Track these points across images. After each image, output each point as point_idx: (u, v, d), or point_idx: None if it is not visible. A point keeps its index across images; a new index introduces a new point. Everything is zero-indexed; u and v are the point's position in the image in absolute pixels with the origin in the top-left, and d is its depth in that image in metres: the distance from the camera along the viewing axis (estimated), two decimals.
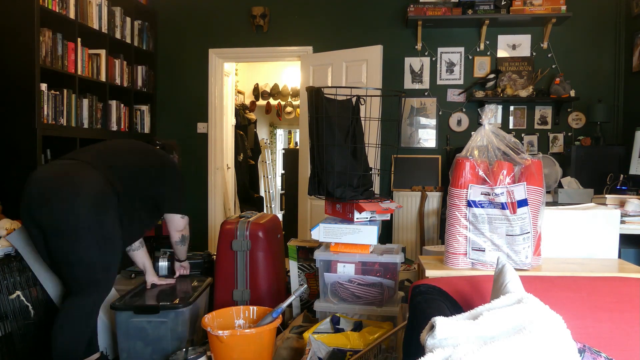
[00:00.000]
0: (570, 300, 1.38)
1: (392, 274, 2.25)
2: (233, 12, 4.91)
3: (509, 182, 1.62)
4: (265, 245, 2.70)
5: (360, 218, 2.25)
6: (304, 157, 4.66)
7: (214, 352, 2.12)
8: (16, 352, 2.71)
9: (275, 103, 7.62)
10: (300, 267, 2.74)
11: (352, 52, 4.47)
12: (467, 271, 1.67)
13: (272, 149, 8.63)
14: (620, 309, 1.36)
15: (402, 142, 4.68)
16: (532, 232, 1.64)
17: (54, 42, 3.58)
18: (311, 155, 2.39)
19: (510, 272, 1.25)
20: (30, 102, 3.38)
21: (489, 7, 4.31)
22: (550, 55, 4.50)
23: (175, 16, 5.02)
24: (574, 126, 4.51)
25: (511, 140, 1.69)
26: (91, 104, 4.04)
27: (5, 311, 2.71)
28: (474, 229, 1.66)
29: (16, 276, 2.85)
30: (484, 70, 4.59)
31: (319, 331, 2.15)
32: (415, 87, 4.66)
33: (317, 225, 2.29)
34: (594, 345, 1.26)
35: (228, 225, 2.73)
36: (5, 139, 3.42)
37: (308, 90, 2.34)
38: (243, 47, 4.92)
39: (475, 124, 4.59)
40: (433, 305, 1.31)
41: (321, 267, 2.31)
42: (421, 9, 4.35)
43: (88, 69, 4.01)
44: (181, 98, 5.04)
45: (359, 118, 2.39)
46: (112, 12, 4.31)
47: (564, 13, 4.24)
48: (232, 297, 2.69)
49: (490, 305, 1.12)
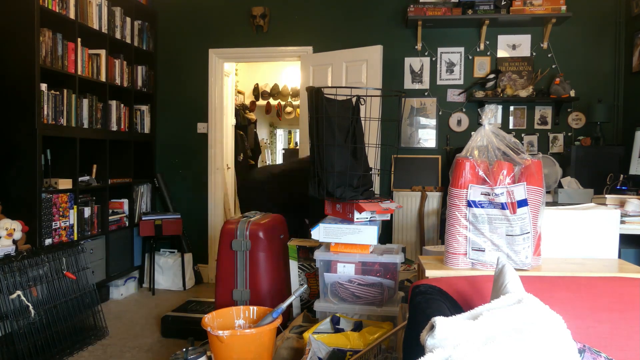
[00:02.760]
0: (570, 300, 1.38)
1: (392, 274, 2.25)
2: (233, 12, 4.91)
3: (509, 182, 1.62)
4: (266, 245, 2.70)
5: (360, 218, 2.25)
6: None
7: (214, 352, 2.13)
8: (16, 352, 2.71)
9: (275, 103, 7.62)
10: (300, 267, 2.74)
11: (352, 52, 4.46)
12: (467, 271, 1.67)
13: (272, 149, 8.63)
14: (620, 309, 1.36)
15: (402, 142, 4.68)
16: (532, 232, 1.64)
17: (54, 42, 3.59)
18: (311, 155, 2.39)
19: (510, 272, 1.25)
20: (30, 102, 3.38)
21: (489, 7, 4.31)
22: (550, 55, 4.50)
23: (175, 16, 5.02)
24: (574, 126, 4.51)
25: (511, 141, 1.69)
26: (91, 104, 4.04)
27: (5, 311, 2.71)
28: (474, 229, 1.66)
29: (16, 276, 2.85)
30: (484, 70, 4.59)
31: (319, 331, 2.15)
32: (415, 87, 4.66)
33: (317, 225, 2.29)
34: (594, 345, 1.26)
35: (229, 225, 2.74)
36: (5, 139, 3.42)
37: (308, 90, 2.34)
38: (243, 47, 4.92)
39: (475, 124, 4.59)
40: (433, 305, 1.31)
41: (321, 267, 2.31)
42: (421, 9, 4.35)
43: (88, 69, 4.01)
44: (181, 98, 5.04)
45: (359, 118, 2.39)
46: (112, 12, 4.31)
47: (564, 13, 4.24)
48: (232, 297, 2.69)
49: (490, 306, 1.12)
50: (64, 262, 3.21)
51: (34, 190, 3.40)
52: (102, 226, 4.17)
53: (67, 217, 3.73)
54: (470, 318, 1.08)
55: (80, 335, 3.20)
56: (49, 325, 2.97)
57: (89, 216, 4.01)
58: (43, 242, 3.46)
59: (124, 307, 4.08)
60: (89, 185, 4.01)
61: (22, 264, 2.92)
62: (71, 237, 3.77)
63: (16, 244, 3.13)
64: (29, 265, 2.96)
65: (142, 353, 3.15)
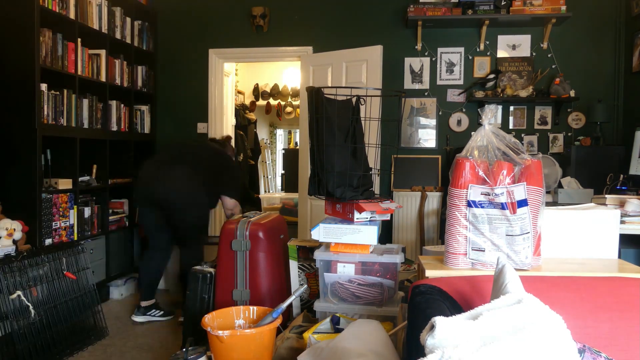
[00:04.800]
0: (570, 300, 1.38)
1: (392, 274, 2.25)
2: (233, 12, 4.91)
3: (509, 182, 1.62)
4: (266, 245, 2.70)
5: (360, 218, 2.25)
6: (304, 157, 4.66)
7: (214, 352, 2.13)
8: (16, 352, 2.71)
9: (275, 103, 7.62)
10: (300, 267, 2.74)
11: (352, 52, 4.46)
12: (467, 271, 1.67)
13: (272, 149, 8.63)
14: (620, 309, 1.36)
15: (402, 142, 4.68)
16: (532, 232, 1.64)
17: (54, 42, 3.58)
18: (311, 155, 2.39)
19: (510, 272, 1.25)
20: (30, 102, 3.38)
21: (489, 7, 4.31)
22: (550, 56, 4.50)
23: (175, 16, 5.02)
24: (574, 126, 4.51)
25: (511, 141, 1.69)
26: (91, 104, 4.04)
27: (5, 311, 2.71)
28: (474, 229, 1.66)
29: (16, 276, 2.85)
30: (484, 70, 4.59)
31: (319, 331, 2.15)
32: (415, 87, 4.66)
33: (317, 225, 2.29)
34: (594, 345, 1.26)
35: (229, 225, 2.74)
36: (5, 139, 3.42)
37: (308, 91, 2.34)
38: (243, 47, 4.92)
39: (475, 124, 4.59)
40: (433, 305, 1.31)
41: (321, 267, 2.31)
42: (421, 9, 4.35)
43: (88, 69, 4.01)
44: (181, 98, 5.04)
45: (359, 118, 2.39)
46: (112, 12, 4.31)
47: (563, 13, 4.24)
48: (232, 297, 2.69)
49: (490, 305, 1.12)
50: (64, 262, 3.21)
51: (34, 190, 3.40)
52: (102, 226, 4.17)
53: (67, 217, 3.73)
54: (470, 318, 1.08)
55: (81, 336, 3.20)
56: (49, 326, 2.96)
57: (89, 216, 4.01)
58: (43, 242, 3.46)
59: (124, 307, 4.07)
60: (89, 185, 4.01)
61: (22, 264, 2.92)
62: (71, 237, 3.77)
63: (16, 244, 3.12)
64: (29, 265, 2.96)
65: (142, 353, 3.15)
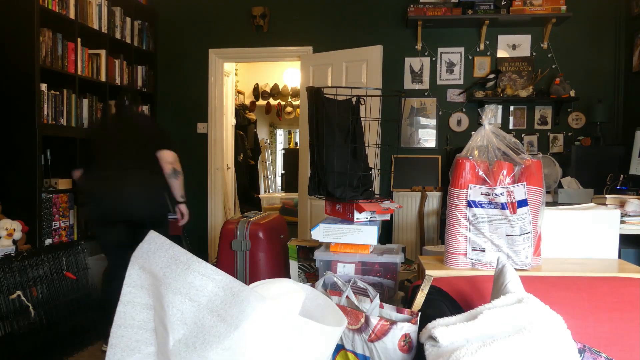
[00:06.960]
0: (570, 300, 1.38)
1: (392, 274, 2.25)
2: (233, 12, 4.91)
3: (509, 182, 1.62)
4: (266, 245, 2.70)
5: (360, 218, 2.24)
6: (304, 157, 4.66)
7: None
8: (16, 352, 2.71)
9: (275, 103, 7.62)
10: (300, 267, 2.74)
11: (352, 52, 4.46)
12: (467, 271, 1.67)
13: (272, 149, 8.63)
14: (620, 309, 1.36)
15: (402, 142, 4.68)
16: (532, 232, 1.63)
17: (54, 42, 3.58)
18: (311, 155, 2.39)
19: (510, 272, 1.25)
20: (30, 102, 3.38)
21: (489, 7, 4.31)
22: (550, 55, 4.50)
23: (175, 16, 5.02)
24: (574, 126, 4.51)
25: (511, 141, 1.68)
26: (91, 104, 4.04)
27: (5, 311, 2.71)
28: (474, 229, 1.66)
29: (16, 276, 2.85)
30: (484, 70, 4.59)
31: None
32: (415, 87, 4.66)
33: (317, 225, 2.29)
34: (594, 345, 1.26)
35: (228, 225, 2.74)
36: (5, 139, 3.42)
37: (308, 90, 2.34)
38: (243, 47, 4.92)
39: (475, 124, 4.59)
40: (433, 305, 1.31)
41: (321, 267, 2.31)
42: (421, 9, 4.35)
43: (88, 69, 4.00)
44: (181, 98, 5.04)
45: (359, 118, 2.39)
46: (112, 12, 4.31)
47: (564, 13, 4.24)
48: None
49: (490, 305, 1.12)
50: (64, 262, 3.21)
51: (34, 190, 3.40)
52: None
53: (67, 217, 3.73)
54: (471, 318, 1.08)
55: (80, 336, 3.20)
56: (49, 326, 2.96)
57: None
58: (43, 242, 3.46)
59: None
60: None
61: (22, 264, 2.92)
62: (71, 237, 3.77)
63: (16, 244, 3.12)
64: (29, 265, 2.96)
65: None
